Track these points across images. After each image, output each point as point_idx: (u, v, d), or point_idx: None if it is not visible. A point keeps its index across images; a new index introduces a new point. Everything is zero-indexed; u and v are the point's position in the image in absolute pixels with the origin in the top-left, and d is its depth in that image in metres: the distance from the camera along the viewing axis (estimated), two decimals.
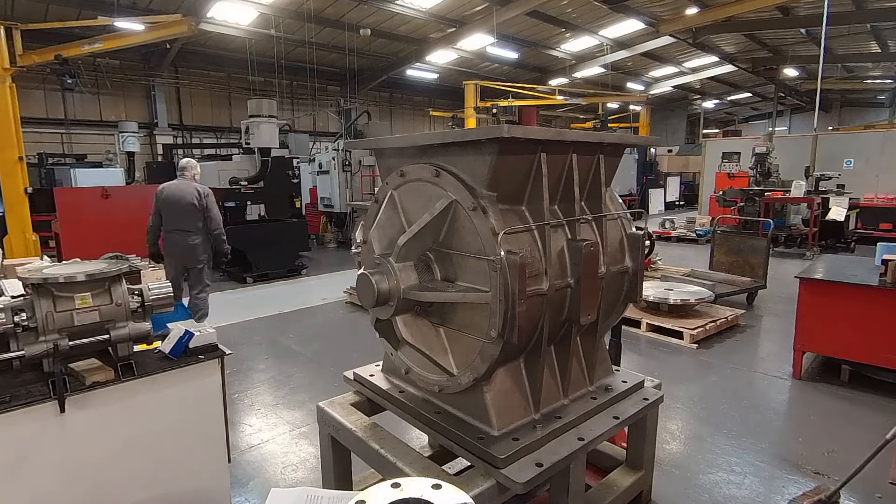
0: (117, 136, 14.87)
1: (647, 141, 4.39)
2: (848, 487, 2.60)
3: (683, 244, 12.30)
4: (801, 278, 4.40)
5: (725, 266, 7.23)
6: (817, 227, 10.28)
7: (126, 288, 2.21)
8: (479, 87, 16.70)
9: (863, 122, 23.96)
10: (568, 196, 2.11)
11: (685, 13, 14.66)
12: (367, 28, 14.42)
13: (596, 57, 19.06)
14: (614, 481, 2.56)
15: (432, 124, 23.62)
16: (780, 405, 4.17)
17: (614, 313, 2.48)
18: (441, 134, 2.04)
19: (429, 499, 1.07)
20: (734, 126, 31.64)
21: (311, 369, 4.95)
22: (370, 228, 2.21)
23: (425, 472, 1.88)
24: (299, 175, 13.78)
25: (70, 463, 2.08)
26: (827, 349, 4.47)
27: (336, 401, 2.50)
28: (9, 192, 7.51)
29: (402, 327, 2.14)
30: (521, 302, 1.75)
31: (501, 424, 1.98)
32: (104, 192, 8.40)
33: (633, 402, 2.38)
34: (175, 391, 2.31)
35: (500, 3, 13.46)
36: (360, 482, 2.56)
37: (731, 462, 3.26)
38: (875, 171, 13.00)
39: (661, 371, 4.65)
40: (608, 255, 2.22)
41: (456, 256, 1.97)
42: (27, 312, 1.99)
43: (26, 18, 11.43)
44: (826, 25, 10.27)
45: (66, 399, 2.02)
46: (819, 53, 11.31)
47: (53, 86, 13.85)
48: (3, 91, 7.20)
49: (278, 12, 13.34)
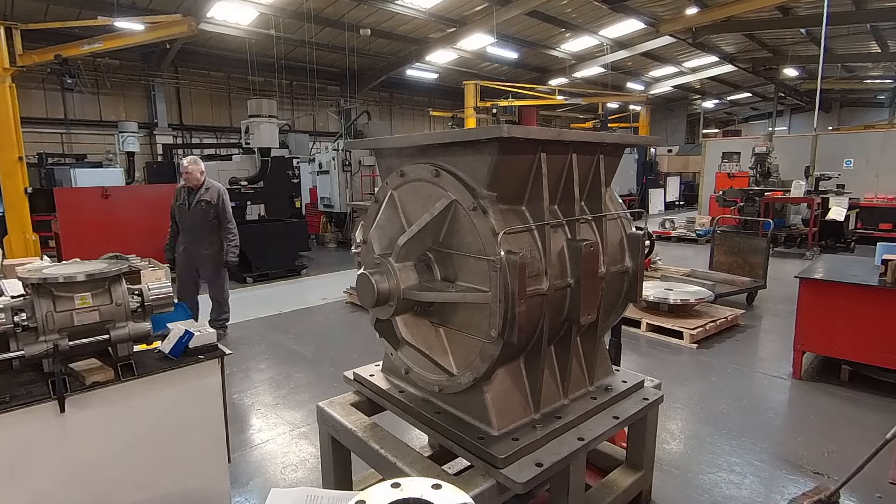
0: (117, 136, 14.86)
1: (647, 141, 4.40)
2: (848, 487, 2.60)
3: (683, 244, 12.30)
4: (801, 278, 4.40)
5: (725, 266, 7.23)
6: (817, 227, 10.28)
7: (126, 288, 2.21)
8: (479, 87, 16.69)
9: (863, 122, 23.96)
10: (568, 196, 2.11)
11: (685, 13, 14.66)
12: (367, 28, 14.42)
13: (596, 57, 19.06)
14: (614, 481, 2.56)
15: (432, 124, 23.61)
16: (779, 405, 4.17)
17: (614, 313, 2.48)
18: (441, 134, 2.04)
19: (429, 499, 1.08)
20: (734, 126, 31.62)
21: (311, 369, 4.95)
22: (370, 228, 2.21)
23: (425, 472, 1.88)
24: (299, 175, 13.78)
25: (70, 463, 2.08)
26: (827, 349, 4.47)
27: (336, 401, 2.50)
28: (9, 192, 7.51)
29: (402, 327, 2.15)
30: (521, 302, 1.75)
31: (501, 424, 1.98)
32: (104, 192, 8.39)
33: (633, 402, 2.38)
34: (175, 391, 2.31)
35: (500, 3, 13.46)
36: (360, 482, 2.56)
37: (731, 462, 3.26)
38: (875, 171, 13.00)
39: (661, 371, 4.65)
40: (608, 255, 2.22)
41: (456, 256, 1.97)
42: (27, 312, 1.99)
43: (26, 18, 11.43)
44: (826, 25, 10.26)
45: (66, 399, 2.02)
46: (819, 53, 11.30)
47: (53, 86, 13.85)
48: (3, 91, 7.20)
49: (278, 12, 13.34)
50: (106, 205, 8.30)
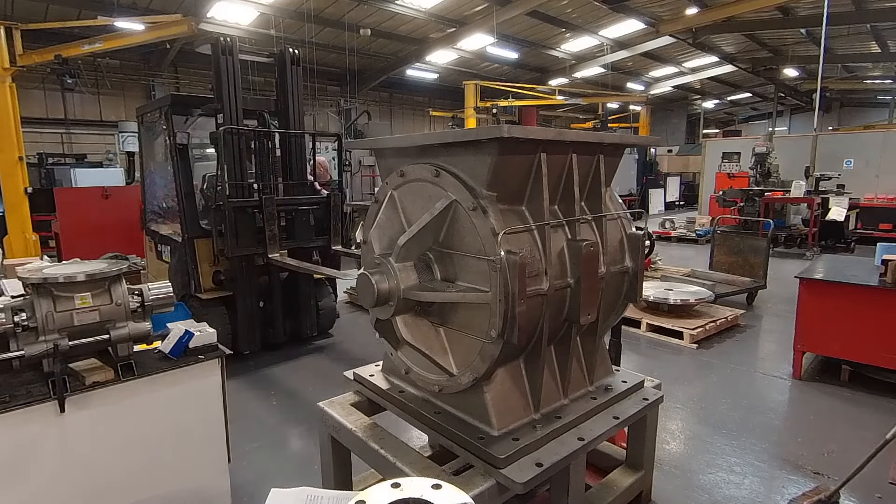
0: (117, 135, 14.85)
1: (647, 141, 4.40)
2: (848, 487, 2.60)
3: (683, 244, 12.30)
4: (801, 278, 4.40)
5: (725, 266, 7.23)
6: (817, 227, 10.27)
7: (126, 288, 2.21)
8: (479, 87, 16.69)
9: (863, 122, 23.95)
10: (568, 196, 2.11)
11: (685, 13, 14.65)
12: (367, 28, 14.41)
13: (596, 57, 19.05)
14: (614, 481, 2.56)
15: (432, 124, 23.60)
16: (779, 405, 4.17)
17: (614, 313, 2.48)
18: (441, 134, 2.04)
19: (429, 499, 1.07)
20: (734, 126, 31.63)
21: (311, 369, 4.95)
22: (370, 228, 2.21)
23: (425, 472, 1.88)
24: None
25: (70, 463, 2.09)
26: (827, 349, 4.47)
27: (336, 401, 2.49)
28: (9, 192, 7.50)
29: (402, 327, 2.14)
30: (521, 302, 1.75)
31: (501, 424, 1.98)
32: (104, 192, 8.40)
33: (633, 402, 2.38)
34: (175, 391, 2.31)
35: (500, 3, 13.46)
36: (360, 482, 2.56)
37: (731, 462, 3.26)
38: (875, 171, 12.99)
39: (661, 371, 4.65)
40: (608, 255, 2.22)
41: (456, 256, 1.97)
42: (27, 312, 1.99)
43: (26, 18, 11.41)
44: (826, 25, 10.27)
45: (66, 399, 2.02)
46: (819, 53, 11.30)
47: (53, 86, 13.82)
48: (3, 91, 7.19)
49: (278, 12, 13.34)
50: (106, 205, 8.31)
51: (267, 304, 5.06)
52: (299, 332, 5.34)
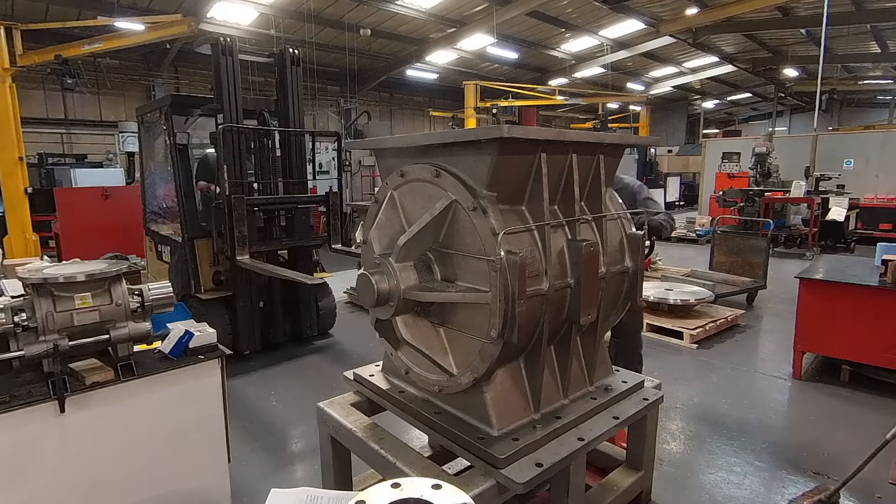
0: (117, 136, 14.85)
1: (647, 141, 4.40)
2: (848, 487, 2.61)
3: (683, 244, 12.29)
4: (801, 278, 4.40)
5: (725, 266, 7.23)
6: (817, 227, 10.28)
7: (126, 288, 2.21)
8: (479, 87, 16.68)
9: (863, 122, 23.94)
10: (568, 196, 2.11)
11: (685, 13, 14.65)
12: (367, 28, 14.41)
13: (596, 57, 19.05)
14: (614, 481, 2.56)
15: (432, 124, 23.60)
16: (780, 405, 4.17)
17: (614, 313, 2.48)
18: (441, 134, 2.04)
19: (429, 499, 1.07)
20: (734, 126, 31.62)
21: (311, 369, 4.95)
22: (370, 228, 2.21)
23: (425, 472, 1.88)
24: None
25: (70, 463, 2.09)
26: (827, 349, 4.47)
27: (336, 401, 2.49)
28: (9, 192, 7.50)
29: (402, 327, 2.14)
30: (520, 302, 1.75)
31: (501, 424, 1.98)
32: (104, 192, 8.40)
33: (633, 402, 2.38)
34: (175, 391, 2.31)
35: (500, 3, 13.45)
36: (360, 482, 2.56)
37: (731, 462, 3.26)
38: (875, 171, 12.99)
39: (661, 371, 4.65)
40: (608, 256, 2.22)
41: (456, 256, 1.97)
42: (27, 312, 1.99)
43: (26, 18, 11.42)
44: (826, 26, 10.26)
45: (66, 399, 2.02)
46: (819, 53, 11.30)
47: (53, 86, 13.82)
48: (3, 91, 7.19)
49: (278, 12, 13.33)
50: (106, 205, 8.31)
51: (267, 304, 5.06)
52: (299, 332, 5.34)
